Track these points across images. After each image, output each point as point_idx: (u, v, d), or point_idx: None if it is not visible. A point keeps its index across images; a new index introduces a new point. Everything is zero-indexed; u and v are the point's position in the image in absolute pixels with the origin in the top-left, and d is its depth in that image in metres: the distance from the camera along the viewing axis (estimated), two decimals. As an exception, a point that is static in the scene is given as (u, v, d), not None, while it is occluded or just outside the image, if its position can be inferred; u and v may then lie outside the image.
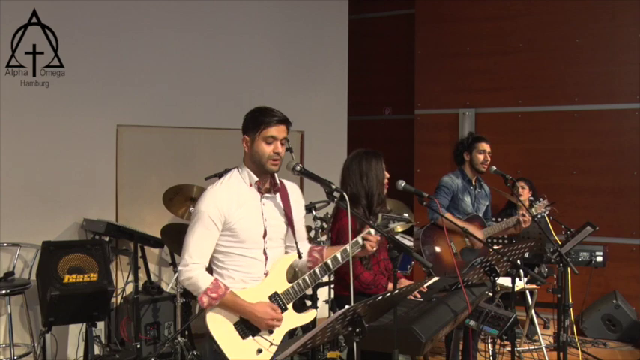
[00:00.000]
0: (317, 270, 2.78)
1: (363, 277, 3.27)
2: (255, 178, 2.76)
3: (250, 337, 2.68)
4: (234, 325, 2.67)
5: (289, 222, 2.86)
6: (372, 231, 2.82)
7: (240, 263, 2.74)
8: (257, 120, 2.71)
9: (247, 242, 2.73)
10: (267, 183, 2.81)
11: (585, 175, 6.58)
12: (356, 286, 3.10)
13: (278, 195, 2.84)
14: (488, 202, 4.74)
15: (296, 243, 2.88)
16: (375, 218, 3.32)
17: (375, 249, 2.84)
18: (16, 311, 4.75)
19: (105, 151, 5.32)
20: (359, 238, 2.82)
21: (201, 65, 5.80)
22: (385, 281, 3.35)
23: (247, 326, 2.68)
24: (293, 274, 3.10)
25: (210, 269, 2.79)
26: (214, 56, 5.89)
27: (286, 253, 2.92)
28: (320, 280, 2.85)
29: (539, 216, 4.55)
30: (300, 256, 2.88)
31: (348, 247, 2.76)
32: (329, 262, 2.79)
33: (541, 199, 4.57)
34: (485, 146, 4.55)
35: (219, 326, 2.66)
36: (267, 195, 2.80)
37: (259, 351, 2.67)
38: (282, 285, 2.77)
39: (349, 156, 3.55)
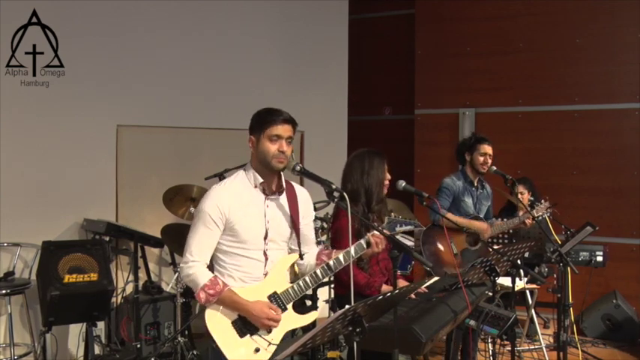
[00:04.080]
0: (318, 271, 2.78)
1: (356, 279, 3.26)
2: (260, 180, 2.75)
3: (248, 335, 2.68)
4: (232, 323, 2.68)
5: (294, 225, 2.85)
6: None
7: (240, 263, 2.75)
8: (262, 119, 2.73)
9: (248, 243, 2.74)
10: (274, 184, 2.81)
11: (585, 175, 6.58)
12: (349, 286, 3.10)
13: (284, 198, 2.83)
14: (489, 202, 4.73)
15: (299, 245, 2.88)
16: (374, 216, 3.33)
17: (380, 248, 2.83)
18: (16, 311, 4.75)
19: (105, 151, 5.32)
20: (363, 242, 2.81)
21: (201, 65, 5.80)
22: (380, 283, 3.33)
23: (245, 325, 2.68)
24: (294, 275, 3.09)
25: (212, 268, 2.80)
26: (214, 56, 5.89)
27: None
28: (321, 281, 2.84)
29: (540, 217, 4.55)
30: (301, 257, 2.88)
31: (351, 249, 2.76)
32: (331, 263, 2.78)
33: (543, 201, 4.57)
34: (487, 148, 4.54)
35: (218, 324, 2.68)
36: (271, 197, 2.80)
37: (257, 350, 2.66)
38: (282, 285, 2.77)
39: (353, 153, 3.56)
